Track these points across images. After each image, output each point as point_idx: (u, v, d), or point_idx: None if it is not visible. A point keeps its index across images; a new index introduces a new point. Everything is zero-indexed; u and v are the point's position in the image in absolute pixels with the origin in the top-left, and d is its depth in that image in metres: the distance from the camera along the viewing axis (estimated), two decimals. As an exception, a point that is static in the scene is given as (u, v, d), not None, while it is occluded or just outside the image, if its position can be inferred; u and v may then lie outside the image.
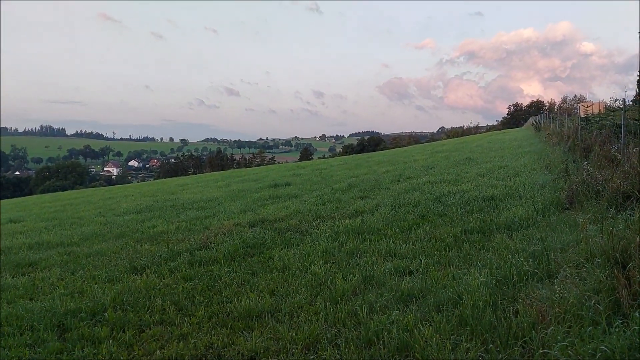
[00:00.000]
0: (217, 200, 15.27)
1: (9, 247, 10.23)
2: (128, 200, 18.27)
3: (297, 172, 23.05)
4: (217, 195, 16.44)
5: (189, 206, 14.37)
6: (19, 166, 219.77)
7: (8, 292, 6.89)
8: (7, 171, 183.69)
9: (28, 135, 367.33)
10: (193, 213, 12.79)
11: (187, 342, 4.72)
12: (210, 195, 16.86)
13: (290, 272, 6.57)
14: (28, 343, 5.04)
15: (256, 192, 16.23)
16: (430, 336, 4.03)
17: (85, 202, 20.11)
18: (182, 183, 25.87)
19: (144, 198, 18.53)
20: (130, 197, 19.63)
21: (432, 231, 7.85)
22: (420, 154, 25.90)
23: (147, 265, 7.64)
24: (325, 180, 17.62)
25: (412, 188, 12.53)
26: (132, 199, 18.64)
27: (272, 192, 15.25)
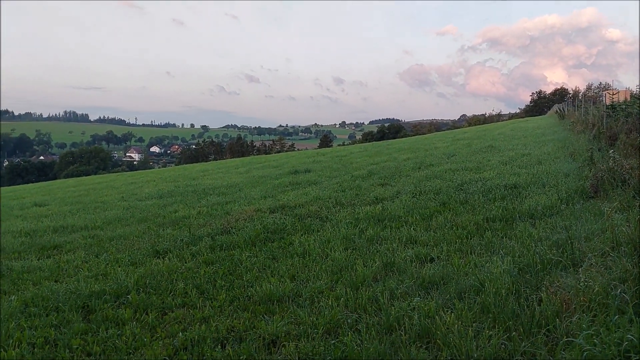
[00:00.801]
0: (237, 186, 15.34)
1: (35, 230, 10.42)
2: (150, 186, 18.47)
3: (316, 159, 23.04)
4: (238, 181, 16.53)
5: (210, 192, 14.47)
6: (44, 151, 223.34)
7: (34, 273, 7.02)
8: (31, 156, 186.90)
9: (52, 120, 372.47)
10: (214, 198, 12.88)
11: (209, 325, 4.76)
12: (231, 181, 16.96)
13: (310, 258, 6.59)
14: (54, 324, 5.13)
15: (276, 178, 16.27)
16: (452, 323, 4.02)
17: (108, 186, 20.37)
18: (203, 169, 26.04)
19: (165, 183, 18.71)
20: (152, 183, 19.83)
21: (453, 219, 7.79)
22: (441, 142, 25.69)
23: (169, 249, 7.72)
24: (345, 167, 17.59)
25: (433, 175, 12.45)
26: (154, 184, 18.83)
27: (292, 179, 15.27)
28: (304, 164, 20.43)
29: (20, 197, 19.11)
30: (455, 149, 19.66)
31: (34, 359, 4.40)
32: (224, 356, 4.09)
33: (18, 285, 6.54)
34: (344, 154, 24.21)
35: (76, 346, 4.56)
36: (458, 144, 22.81)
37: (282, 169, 19.42)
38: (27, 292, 6.17)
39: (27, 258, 8.02)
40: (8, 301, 5.87)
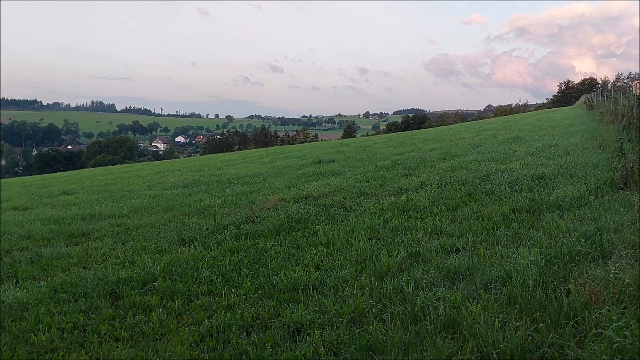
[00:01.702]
0: (261, 175, 15.42)
1: (63, 218, 10.62)
2: (175, 175, 18.67)
3: (340, 149, 23.00)
4: (262, 171, 16.61)
5: (235, 181, 14.57)
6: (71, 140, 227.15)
7: (62, 260, 7.16)
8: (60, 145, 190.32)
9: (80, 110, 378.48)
10: (238, 188, 12.96)
11: (234, 312, 4.80)
12: (255, 171, 17.05)
13: (334, 247, 6.59)
14: (82, 309, 5.23)
15: (300, 168, 16.30)
16: (478, 314, 3.98)
17: (134, 176, 20.65)
18: (228, 159, 26.22)
19: (190, 173, 18.89)
20: (177, 172, 20.05)
21: (479, 209, 7.71)
22: (467, 132, 25.42)
23: (195, 238, 7.80)
24: (369, 157, 17.53)
25: (459, 166, 12.33)
26: (180, 174, 19.03)
27: (316, 169, 15.28)
28: (328, 154, 20.41)
29: (49, 186, 19.49)
30: (481, 140, 19.44)
31: (64, 343, 4.48)
32: (250, 343, 4.12)
33: (47, 272, 6.68)
34: (368, 145, 24.12)
35: (104, 331, 4.65)
36: (484, 134, 22.55)
37: (306, 159, 19.44)
38: (56, 278, 6.30)
39: (56, 245, 8.18)
40: (37, 287, 5.99)
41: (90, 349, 4.34)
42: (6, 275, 6.69)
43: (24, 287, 6.03)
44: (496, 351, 3.46)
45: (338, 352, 3.85)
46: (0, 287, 6.04)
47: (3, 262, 7.25)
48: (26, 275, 6.58)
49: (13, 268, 6.90)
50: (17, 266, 6.96)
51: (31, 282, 6.25)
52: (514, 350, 3.45)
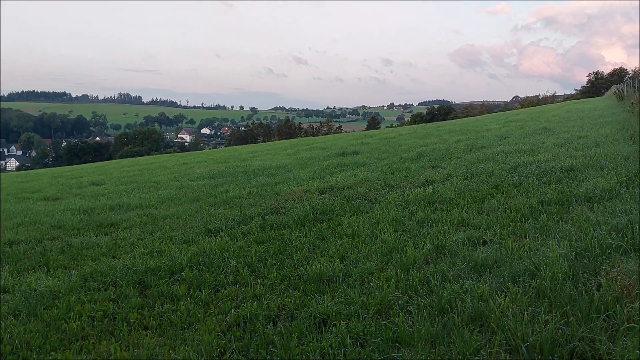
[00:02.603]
0: (286, 167, 15.46)
1: (92, 208, 10.80)
2: (201, 166, 18.84)
3: (364, 140, 22.91)
4: (286, 163, 16.65)
5: (260, 173, 14.63)
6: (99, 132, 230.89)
7: (92, 249, 7.29)
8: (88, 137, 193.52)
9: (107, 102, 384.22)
10: (263, 179, 13.02)
11: (260, 302, 4.83)
12: (280, 162, 17.10)
13: (359, 239, 6.58)
14: (112, 298, 5.33)
15: (324, 160, 16.29)
16: (507, 307, 3.93)
17: (161, 167, 20.89)
18: (252, 150, 26.35)
19: (216, 164, 19.04)
20: (203, 163, 20.22)
21: (506, 202, 7.61)
22: (493, 124, 25.07)
23: (221, 228, 7.86)
24: (394, 149, 17.43)
25: (485, 158, 12.18)
26: (205, 165, 19.19)
27: (340, 160, 15.26)
28: (352, 145, 20.35)
29: (78, 177, 19.84)
30: (508, 131, 19.16)
31: (94, 331, 4.57)
32: (276, 333, 4.15)
33: (78, 261, 6.81)
34: (393, 136, 23.98)
35: (133, 320, 4.72)
36: (511, 125, 22.21)
37: (330, 150, 19.41)
38: (86, 267, 6.42)
39: (86, 235, 8.33)
40: (68, 275, 6.12)
41: (120, 337, 4.42)
42: (37, 264, 6.84)
43: (55, 276, 6.16)
44: (525, 345, 3.42)
45: (364, 343, 3.85)
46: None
47: (35, 252, 7.42)
48: (57, 264, 6.72)
49: (44, 257, 7.05)
50: (48, 255, 7.11)
51: (62, 271, 6.38)
52: (544, 344, 3.41)
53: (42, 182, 19.06)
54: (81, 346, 4.30)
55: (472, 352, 3.46)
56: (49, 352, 4.24)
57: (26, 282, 5.94)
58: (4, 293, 5.73)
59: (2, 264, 6.85)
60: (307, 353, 3.78)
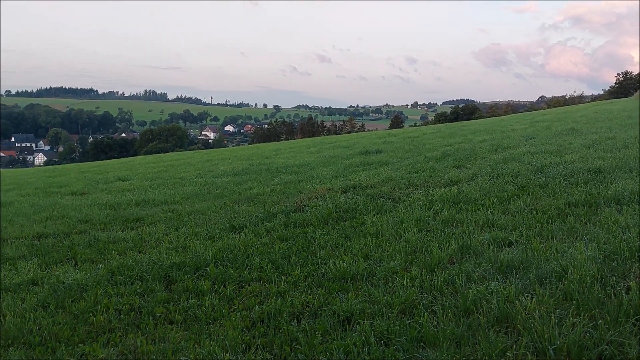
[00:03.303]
0: (309, 165, 15.47)
1: (118, 203, 10.96)
2: (225, 163, 18.96)
3: (388, 139, 22.80)
4: (309, 161, 16.66)
5: (283, 170, 14.68)
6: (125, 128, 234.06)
7: (119, 244, 7.40)
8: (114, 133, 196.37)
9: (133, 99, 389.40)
10: (287, 177, 13.06)
11: (284, 299, 4.86)
12: (303, 160, 17.12)
13: (383, 238, 6.56)
14: (138, 292, 5.40)
15: (347, 158, 16.26)
16: (533, 308, 3.89)
17: (185, 163, 21.09)
18: (276, 148, 26.42)
19: (240, 161, 19.15)
20: (227, 160, 20.35)
21: (533, 203, 7.51)
22: (519, 124, 24.74)
23: (245, 225, 7.91)
24: (418, 148, 17.32)
25: (511, 158, 12.03)
26: (229, 162, 19.32)
27: (363, 159, 15.22)
28: (375, 144, 20.28)
29: (105, 172, 20.13)
30: (534, 132, 18.90)
31: (121, 324, 4.65)
32: (300, 330, 4.16)
33: (104, 255, 6.92)
34: (416, 135, 23.82)
35: (159, 314, 4.79)
36: (537, 126, 21.89)
37: (353, 149, 19.37)
38: (113, 261, 6.52)
39: (112, 229, 8.46)
40: (96, 269, 6.23)
41: (146, 330, 4.49)
42: (65, 257, 6.97)
43: (82, 269, 6.27)
44: (552, 347, 3.38)
45: (389, 342, 3.84)
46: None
47: (63, 245, 7.56)
48: (85, 257, 6.84)
49: (72, 250, 7.18)
50: (76, 249, 7.24)
51: (89, 265, 6.50)
52: (571, 347, 3.36)
53: (70, 177, 19.39)
54: (108, 339, 4.38)
55: (498, 354, 3.43)
56: (77, 344, 4.32)
57: (54, 275, 6.07)
58: (33, 285, 5.85)
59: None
60: (331, 351, 3.79)
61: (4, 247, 7.64)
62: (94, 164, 31.96)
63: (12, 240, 8.02)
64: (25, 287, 5.79)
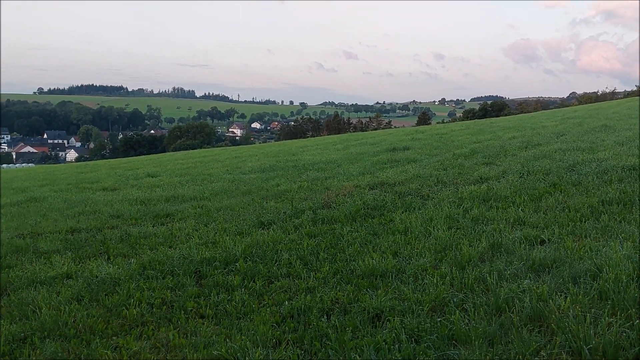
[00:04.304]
0: (335, 162, 15.46)
1: (149, 199, 11.12)
2: (252, 160, 19.07)
3: (415, 136, 22.65)
4: (336, 158, 16.65)
5: (309, 167, 14.69)
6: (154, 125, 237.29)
7: (150, 239, 7.51)
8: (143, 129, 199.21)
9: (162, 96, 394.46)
10: (313, 174, 13.07)
11: (313, 295, 4.87)
12: (329, 157, 17.11)
13: (412, 235, 6.53)
14: (169, 286, 5.48)
15: (374, 155, 16.20)
16: (567, 308, 3.83)
17: (213, 160, 21.27)
18: (302, 145, 26.46)
19: (267, 158, 19.23)
20: (254, 157, 20.46)
21: (565, 200, 7.39)
22: (549, 120, 24.33)
23: (273, 221, 7.96)
24: (446, 145, 17.16)
25: (542, 155, 11.84)
26: (256, 159, 19.42)
27: (391, 156, 15.13)
28: (402, 141, 20.16)
29: (135, 168, 20.44)
30: (565, 128, 18.56)
31: (153, 318, 4.72)
32: (330, 326, 4.17)
33: (136, 250, 7.03)
34: (444, 132, 23.60)
35: (190, 308, 4.85)
36: (568, 122, 21.50)
37: (380, 146, 19.29)
38: (144, 256, 6.62)
39: (143, 225, 8.58)
40: (128, 264, 6.33)
41: (177, 324, 4.55)
42: (98, 251, 7.11)
43: (115, 263, 6.38)
44: (588, 347, 3.32)
45: (419, 339, 3.82)
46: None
47: (95, 240, 7.70)
48: (117, 252, 6.96)
49: (104, 245, 7.32)
50: (108, 243, 7.37)
51: (122, 259, 6.61)
52: (607, 347, 3.30)
53: (101, 173, 19.74)
54: (141, 332, 4.45)
55: (532, 353, 3.39)
56: (111, 336, 4.41)
57: (88, 269, 6.19)
58: (68, 279, 5.98)
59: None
60: (361, 347, 3.78)
61: (39, 241, 7.82)
62: (123, 160, 32.47)
63: (47, 235, 8.20)
64: (60, 280, 5.92)
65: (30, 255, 7.07)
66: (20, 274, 6.20)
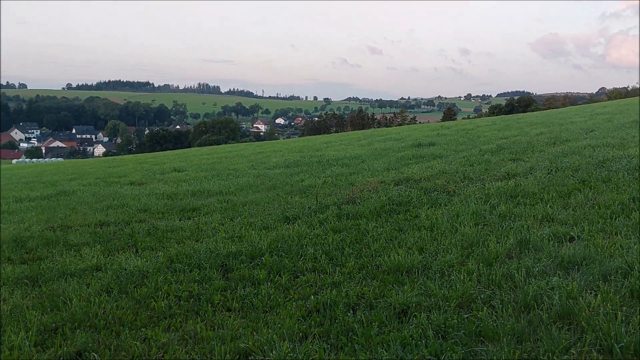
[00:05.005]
0: (360, 157, 15.43)
1: (175, 194, 11.25)
2: (277, 155, 19.14)
3: (441, 132, 22.46)
4: (360, 153, 16.61)
5: (334, 163, 14.70)
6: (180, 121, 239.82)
7: (176, 233, 7.60)
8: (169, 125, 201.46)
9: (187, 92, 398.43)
10: (338, 169, 13.07)
11: (339, 290, 4.88)
12: (353, 153, 17.09)
13: (438, 231, 6.49)
14: (196, 279, 5.53)
15: (399, 151, 16.12)
16: (598, 305, 3.77)
17: (238, 155, 21.42)
18: (326, 140, 26.48)
19: (291, 154, 19.29)
20: (278, 153, 20.54)
21: (594, 197, 7.26)
22: (578, 116, 23.90)
23: (298, 216, 7.98)
24: (472, 141, 17.00)
25: (571, 151, 11.64)
26: (281, 154, 19.49)
27: (416, 152, 15.05)
28: (428, 137, 20.01)
29: (161, 163, 20.70)
30: (594, 124, 18.21)
31: (181, 310, 4.78)
32: (356, 321, 4.17)
33: (163, 243, 7.12)
34: (470, 128, 23.37)
35: (217, 301, 4.90)
36: (597, 118, 21.09)
37: (405, 141, 19.19)
38: (171, 249, 6.71)
39: (170, 218, 8.68)
40: (155, 257, 6.42)
41: (205, 317, 4.60)
42: (126, 244, 7.22)
43: (143, 256, 6.47)
44: (619, 345, 3.27)
45: (446, 335, 3.80)
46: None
47: (124, 233, 7.82)
48: (144, 245, 7.06)
49: (132, 238, 7.42)
50: (136, 237, 7.48)
51: (149, 252, 6.70)
52: (638, 346, 3.25)
53: (128, 167, 20.02)
54: (169, 324, 4.51)
55: (561, 350, 3.35)
56: (139, 328, 4.47)
57: (117, 262, 6.29)
58: (97, 271, 6.08)
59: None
60: (387, 342, 3.78)
61: (69, 234, 7.97)
62: (150, 155, 32.90)
63: (76, 228, 8.36)
64: (90, 272, 6.03)
65: (61, 247, 7.20)
66: (51, 265, 6.33)
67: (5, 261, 6.67)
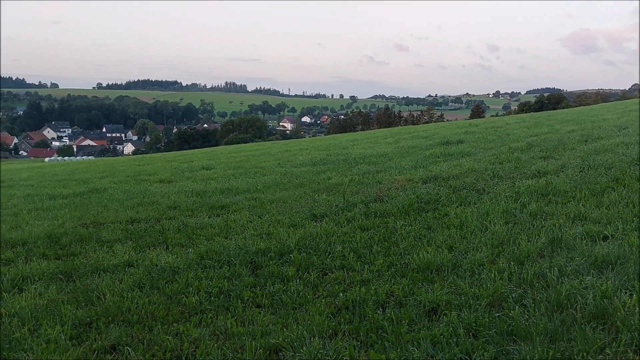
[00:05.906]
0: (387, 155, 15.36)
1: (204, 191, 11.36)
2: (303, 154, 19.18)
3: (469, 129, 22.22)
4: (387, 151, 16.54)
5: (360, 160, 14.66)
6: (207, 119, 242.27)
7: (206, 230, 7.68)
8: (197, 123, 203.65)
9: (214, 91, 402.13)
10: (364, 167, 13.05)
11: (368, 287, 4.88)
12: (380, 150, 17.03)
13: (468, 230, 6.43)
14: (226, 276, 5.59)
15: (426, 149, 16.00)
16: (633, 305, 3.70)
17: (265, 153, 21.53)
18: (352, 139, 26.43)
19: (317, 152, 19.32)
20: (305, 151, 20.58)
21: (629, 196, 7.11)
22: (610, 113, 23.40)
23: (326, 214, 8.00)
24: (501, 138, 16.78)
25: (603, 149, 11.41)
26: (307, 152, 19.53)
27: (444, 150, 14.92)
28: (456, 134, 19.82)
29: (189, 161, 20.92)
30: (628, 121, 17.80)
31: (211, 306, 4.84)
32: (385, 319, 4.17)
33: (193, 240, 7.20)
34: (499, 125, 23.06)
35: (247, 297, 4.94)
36: (630, 115, 20.61)
37: (432, 139, 19.04)
38: (201, 246, 6.78)
39: (199, 216, 8.78)
40: (186, 253, 6.50)
41: (235, 312, 4.65)
42: (157, 241, 7.32)
43: (173, 253, 6.56)
44: (656, 346, 3.21)
45: (477, 334, 3.78)
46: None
47: (154, 230, 7.94)
48: (175, 242, 7.15)
49: (163, 235, 7.53)
50: (167, 233, 7.59)
51: (180, 249, 6.79)
52: (676, 347, 3.18)
53: (157, 165, 20.29)
54: (200, 319, 4.57)
55: (596, 350, 3.30)
56: (171, 323, 4.54)
57: (148, 258, 6.39)
58: (129, 267, 6.19)
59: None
60: (417, 340, 3.77)
61: (102, 230, 8.12)
62: (178, 153, 33.27)
63: (108, 225, 8.51)
64: (122, 268, 6.14)
65: (94, 243, 7.35)
66: (85, 261, 6.46)
67: (40, 257, 6.83)
